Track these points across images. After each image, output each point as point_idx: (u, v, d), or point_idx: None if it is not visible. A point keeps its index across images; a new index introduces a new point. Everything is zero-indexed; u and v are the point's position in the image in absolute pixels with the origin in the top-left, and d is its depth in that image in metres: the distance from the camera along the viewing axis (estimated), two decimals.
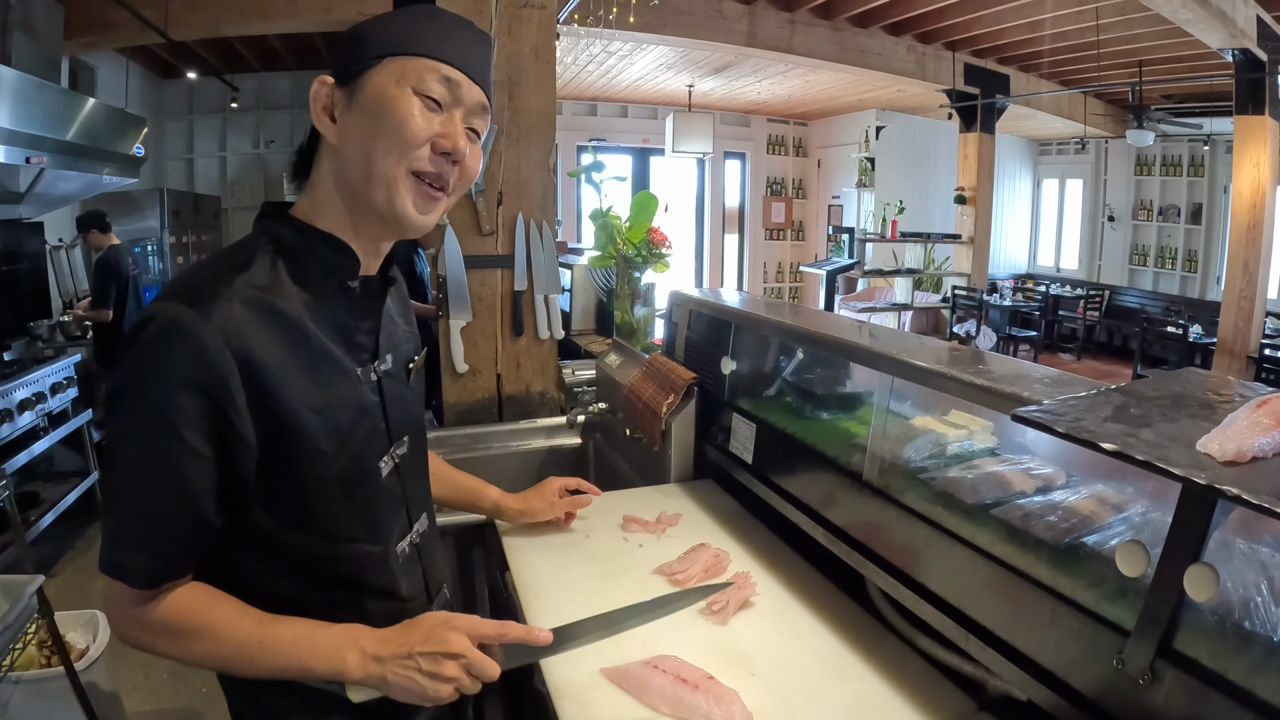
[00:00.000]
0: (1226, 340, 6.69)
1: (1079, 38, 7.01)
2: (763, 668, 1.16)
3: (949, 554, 1.15)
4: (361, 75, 0.93)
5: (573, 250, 4.95)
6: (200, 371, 0.83)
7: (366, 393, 1.00)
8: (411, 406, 1.12)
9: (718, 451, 1.88)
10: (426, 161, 0.94)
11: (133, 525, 0.87)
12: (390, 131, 0.92)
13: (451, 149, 0.95)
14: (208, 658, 0.91)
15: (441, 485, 1.47)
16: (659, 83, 9.08)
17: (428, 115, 0.93)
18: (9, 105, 3.26)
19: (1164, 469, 0.70)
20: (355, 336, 1.00)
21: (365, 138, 0.93)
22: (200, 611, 0.90)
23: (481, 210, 2.49)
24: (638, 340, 2.90)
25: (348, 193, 0.96)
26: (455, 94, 0.95)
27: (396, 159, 0.93)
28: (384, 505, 1.04)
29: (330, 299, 0.97)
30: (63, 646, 2.22)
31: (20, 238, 4.92)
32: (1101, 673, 0.89)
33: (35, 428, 3.96)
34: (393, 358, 1.07)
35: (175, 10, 4.92)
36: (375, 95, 0.92)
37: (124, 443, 0.87)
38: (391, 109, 0.92)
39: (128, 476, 0.87)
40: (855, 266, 8.75)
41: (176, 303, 0.85)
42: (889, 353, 1.34)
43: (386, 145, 0.92)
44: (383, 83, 0.92)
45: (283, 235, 0.96)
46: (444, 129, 0.94)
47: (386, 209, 0.95)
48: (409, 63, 0.93)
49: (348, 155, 0.95)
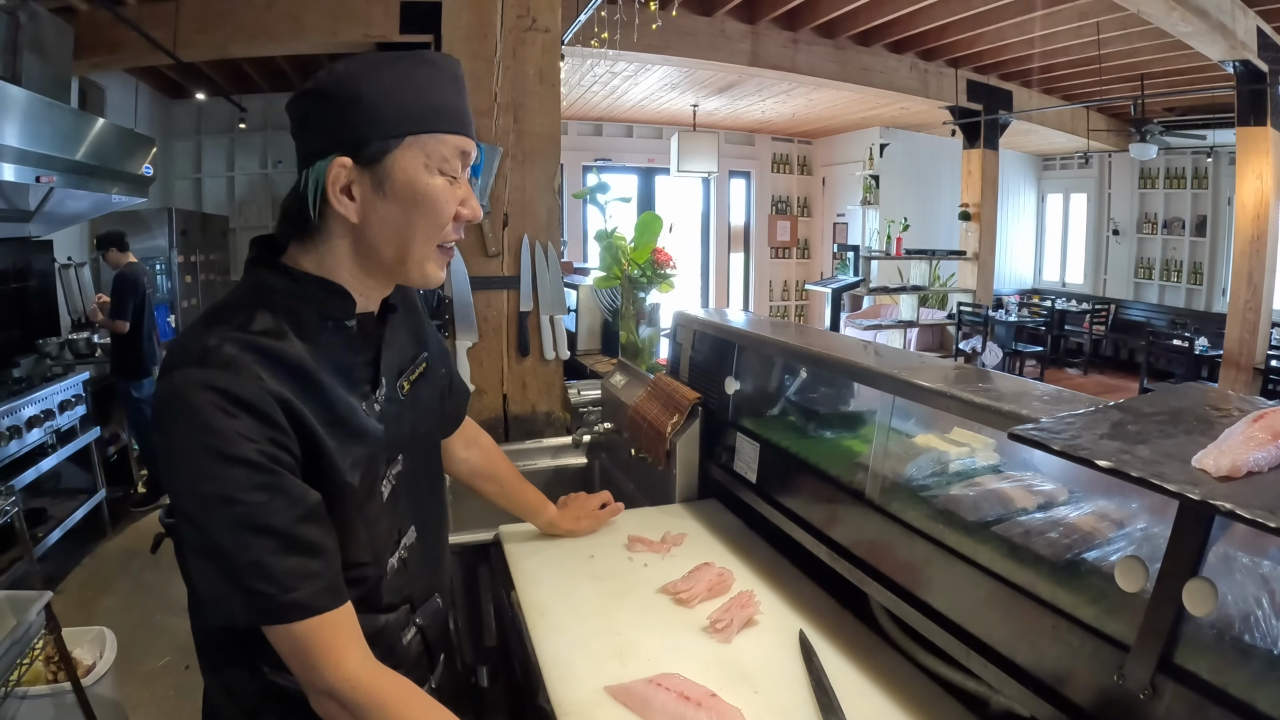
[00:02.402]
0: (1232, 352, 6.67)
1: (1080, 52, 7.04)
2: (766, 686, 1.16)
3: (951, 571, 1.15)
4: (385, 157, 0.93)
5: (579, 270, 4.97)
6: (245, 410, 0.85)
7: (371, 423, 1.01)
8: (409, 421, 1.12)
9: (722, 471, 1.89)
10: (452, 232, 1.00)
11: (248, 569, 0.85)
12: (428, 219, 0.96)
13: (472, 218, 1.00)
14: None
15: (508, 496, 1.60)
16: (663, 103, 9.13)
17: (452, 191, 0.97)
18: (19, 124, 3.30)
19: (1158, 485, 0.71)
20: (354, 372, 1.02)
21: (400, 225, 0.96)
22: (399, 700, 0.93)
23: (487, 232, 2.51)
24: (643, 360, 2.91)
25: (370, 264, 0.99)
26: (465, 162, 1.00)
27: (430, 240, 0.98)
28: (380, 526, 1.05)
29: (329, 341, 0.98)
30: (69, 662, 2.23)
31: (29, 256, 4.99)
32: (1102, 688, 0.90)
33: (44, 444, 3.98)
34: (388, 381, 1.08)
35: (184, 32, 4.98)
36: (407, 184, 0.94)
37: (202, 502, 0.85)
38: (430, 197, 0.95)
39: (225, 529, 0.85)
40: (861, 284, 8.76)
41: (193, 368, 0.86)
42: (888, 371, 1.35)
43: (426, 232, 0.97)
44: (413, 169, 0.94)
45: (276, 285, 0.97)
46: (463, 197, 0.99)
47: (419, 279, 1.00)
48: (432, 144, 0.95)
49: (376, 237, 0.97)
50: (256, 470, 0.85)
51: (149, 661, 3.19)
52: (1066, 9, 6.02)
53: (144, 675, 3.11)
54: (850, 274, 8.84)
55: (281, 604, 0.86)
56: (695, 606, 1.39)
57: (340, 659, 0.89)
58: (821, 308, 10.06)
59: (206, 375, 0.85)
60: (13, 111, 3.27)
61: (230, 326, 0.90)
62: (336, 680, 0.88)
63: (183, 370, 0.86)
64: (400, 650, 1.10)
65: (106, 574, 4.17)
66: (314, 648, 0.88)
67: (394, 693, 0.93)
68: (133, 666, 3.07)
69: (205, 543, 0.86)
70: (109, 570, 4.22)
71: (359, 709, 0.89)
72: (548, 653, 1.26)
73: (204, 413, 0.84)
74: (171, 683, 3.07)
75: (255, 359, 0.88)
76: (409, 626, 1.12)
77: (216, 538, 0.85)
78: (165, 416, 0.86)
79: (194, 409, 0.84)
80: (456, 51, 2.51)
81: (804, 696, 1.14)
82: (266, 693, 1.00)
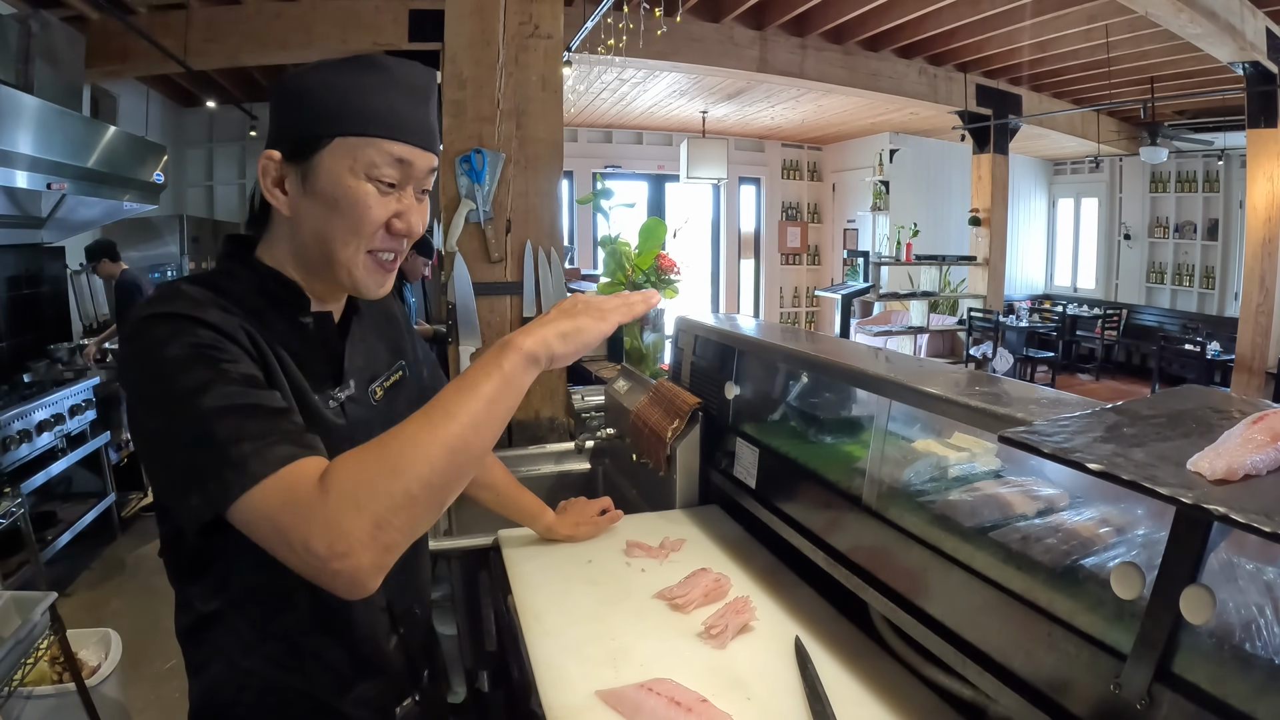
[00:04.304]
0: (1245, 357, 6.60)
1: (1089, 56, 7.00)
2: (759, 692, 1.15)
3: (948, 578, 1.14)
4: (313, 157, 0.93)
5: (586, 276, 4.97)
6: (212, 327, 0.85)
7: (330, 416, 1.00)
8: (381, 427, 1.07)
9: (722, 476, 1.88)
10: (381, 240, 0.97)
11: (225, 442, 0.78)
12: (348, 223, 0.94)
13: (406, 232, 0.97)
14: (417, 483, 0.79)
15: (504, 502, 1.62)
16: (673, 109, 9.14)
17: (382, 200, 0.95)
18: (32, 132, 3.33)
19: (1150, 489, 0.70)
20: (310, 366, 1.00)
21: (322, 225, 0.95)
22: (363, 455, 0.81)
23: (490, 238, 2.52)
24: (646, 366, 2.90)
25: (306, 262, 0.99)
26: (407, 172, 0.96)
27: (355, 247, 0.95)
28: None
29: (286, 331, 0.98)
30: (74, 663, 2.25)
31: (41, 262, 5.03)
32: (1099, 697, 0.88)
33: (54, 448, 4.01)
34: (356, 382, 1.07)
35: (194, 40, 5.01)
36: (330, 184, 0.93)
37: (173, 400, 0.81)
38: (350, 200, 0.93)
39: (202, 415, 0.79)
40: (871, 290, 8.74)
41: (157, 304, 0.87)
42: (885, 375, 1.34)
43: (344, 236, 0.95)
44: (337, 170, 0.92)
45: (239, 275, 0.98)
46: (399, 208, 0.96)
47: (348, 285, 0.99)
48: (361, 148, 0.92)
49: (303, 234, 0.97)
50: (221, 361, 0.84)
51: (156, 664, 3.19)
52: (1075, 12, 5.99)
53: (151, 677, 3.12)
54: (860, 280, 8.82)
55: (265, 459, 0.78)
56: (691, 612, 1.38)
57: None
58: (832, 314, 10.05)
59: (169, 306, 0.86)
60: (25, 119, 3.30)
61: (197, 288, 0.92)
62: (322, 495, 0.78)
63: (150, 307, 0.87)
64: (386, 652, 1.10)
65: (115, 577, 4.20)
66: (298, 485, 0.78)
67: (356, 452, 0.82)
68: (140, 669, 3.07)
69: (178, 437, 0.81)
70: (118, 573, 4.25)
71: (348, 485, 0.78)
72: (541, 657, 1.25)
73: (167, 331, 0.84)
74: (177, 685, 3.07)
75: (214, 307, 0.89)
76: (392, 635, 1.12)
77: (194, 425, 0.80)
78: (129, 346, 0.86)
79: (156, 331, 0.84)
80: (460, 58, 2.52)
81: (797, 703, 1.13)
82: (243, 685, 1.01)
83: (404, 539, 0.80)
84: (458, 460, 0.81)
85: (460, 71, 2.50)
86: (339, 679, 1.05)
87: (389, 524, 0.77)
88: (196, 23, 5.03)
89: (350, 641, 1.04)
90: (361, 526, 0.76)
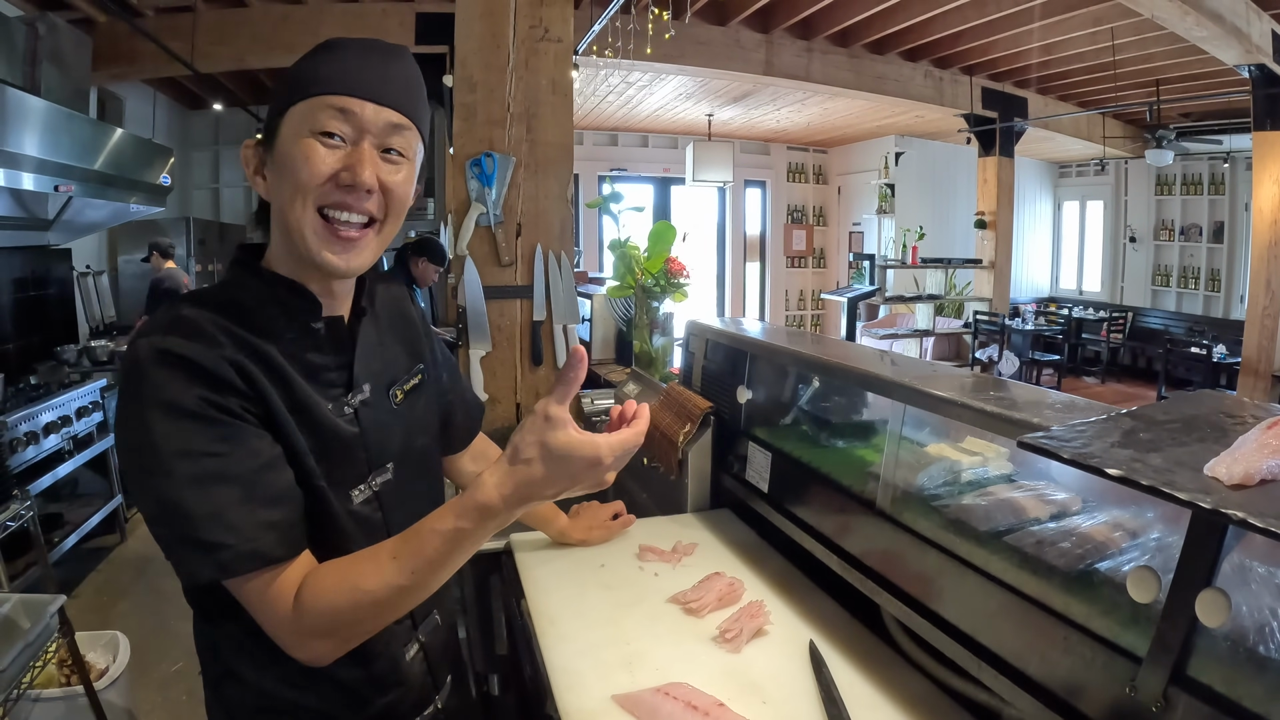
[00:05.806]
0: (1251, 360, 6.58)
1: (1095, 59, 7.00)
2: (774, 696, 1.15)
3: (963, 581, 1.14)
4: (275, 133, 0.94)
5: (594, 280, 4.99)
6: (202, 376, 0.86)
7: (343, 425, 1.00)
8: (400, 432, 1.10)
9: (734, 480, 1.88)
10: (331, 195, 0.93)
11: (208, 521, 0.84)
12: (292, 178, 0.92)
13: (352, 181, 0.92)
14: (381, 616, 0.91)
15: None
16: (678, 112, 9.15)
17: (328, 152, 0.92)
18: (39, 134, 3.34)
19: (1169, 494, 0.70)
20: (322, 374, 1.00)
21: (277, 192, 0.95)
22: (339, 587, 0.88)
23: (500, 241, 2.52)
24: (656, 369, 2.91)
25: (287, 249, 0.98)
26: (356, 124, 0.93)
27: (301, 204, 0.92)
28: (356, 534, 1.00)
29: (297, 340, 0.98)
30: (82, 665, 2.25)
31: (48, 264, 5.05)
32: (1115, 700, 0.88)
33: (60, 450, 4.01)
34: (371, 387, 1.06)
35: (201, 43, 5.04)
36: (282, 150, 0.93)
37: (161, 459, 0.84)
38: (292, 155, 0.92)
39: (185, 482, 0.84)
40: (877, 293, 8.73)
41: (157, 335, 0.87)
42: (900, 380, 1.34)
43: (290, 193, 0.93)
44: (288, 134, 0.93)
45: (249, 284, 0.99)
46: (345, 162, 0.92)
47: (307, 257, 0.95)
48: (309, 110, 0.92)
49: (276, 215, 0.97)
50: (214, 424, 0.85)
51: (163, 666, 3.20)
52: (1080, 15, 6.00)
53: (158, 680, 3.13)
54: (866, 283, 8.82)
55: (240, 554, 0.84)
56: (705, 616, 1.38)
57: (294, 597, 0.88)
58: (837, 317, 10.05)
59: (169, 342, 0.86)
60: (32, 122, 3.31)
61: (204, 308, 0.92)
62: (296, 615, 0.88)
63: (147, 338, 0.87)
64: (403, 666, 1.10)
65: (122, 579, 4.20)
66: (275, 596, 0.87)
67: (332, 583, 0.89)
68: (147, 671, 3.08)
69: (165, 500, 0.84)
70: (125, 575, 4.25)
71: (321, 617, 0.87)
72: (556, 661, 1.26)
73: (163, 375, 0.85)
74: (185, 688, 3.08)
75: (220, 331, 0.89)
76: (411, 643, 1.12)
77: (177, 492, 0.84)
78: (126, 382, 0.86)
79: (154, 373, 0.85)
80: (469, 62, 2.52)
81: (813, 707, 1.13)
82: (259, 706, 1.01)
83: (365, 639, 0.93)
84: (426, 592, 0.91)
85: (470, 75, 2.51)
86: (355, 698, 1.05)
87: (354, 638, 0.92)
88: (203, 25, 5.06)
89: (365, 660, 1.04)
90: (328, 645, 0.90)
